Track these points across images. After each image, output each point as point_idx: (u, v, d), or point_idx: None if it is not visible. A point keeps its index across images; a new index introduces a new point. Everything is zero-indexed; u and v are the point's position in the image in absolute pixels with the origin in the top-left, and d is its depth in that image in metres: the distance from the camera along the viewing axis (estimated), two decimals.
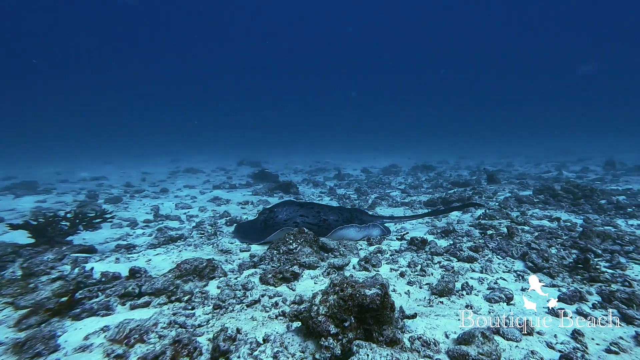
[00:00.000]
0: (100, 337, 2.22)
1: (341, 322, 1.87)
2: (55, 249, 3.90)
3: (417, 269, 3.45)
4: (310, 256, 3.59)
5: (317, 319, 1.89)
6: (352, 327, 1.87)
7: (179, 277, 2.93)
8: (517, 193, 7.80)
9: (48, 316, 2.40)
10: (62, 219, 4.74)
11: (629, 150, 20.64)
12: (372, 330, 1.91)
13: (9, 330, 2.34)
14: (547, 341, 2.16)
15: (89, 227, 4.79)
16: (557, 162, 15.77)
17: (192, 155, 30.62)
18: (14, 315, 2.52)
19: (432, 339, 2.08)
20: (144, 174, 16.40)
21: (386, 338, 1.89)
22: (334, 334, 1.84)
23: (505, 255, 3.79)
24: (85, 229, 4.75)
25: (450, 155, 21.95)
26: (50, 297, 2.66)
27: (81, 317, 2.48)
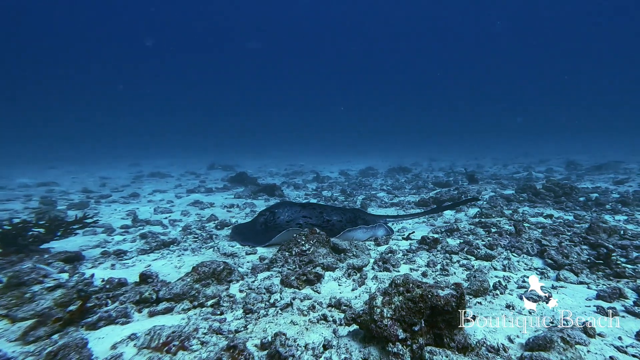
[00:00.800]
0: (129, 345, 2.01)
1: (410, 326, 1.72)
2: (35, 257, 3.48)
3: (437, 268, 3.39)
4: (327, 257, 3.46)
5: (382, 322, 1.73)
6: (422, 332, 1.72)
7: (197, 281, 2.73)
8: (500, 192, 8.08)
9: (59, 326, 2.14)
10: (34, 226, 4.24)
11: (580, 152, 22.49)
12: (443, 335, 1.76)
13: (11, 345, 2.04)
14: (614, 344, 2.02)
15: (68, 234, 4.33)
16: (522, 164, 16.64)
17: (153, 159, 28.87)
18: (13, 328, 2.21)
19: (499, 344, 1.92)
20: (102, 179, 15.13)
21: (458, 344, 1.75)
22: (402, 339, 1.68)
23: (520, 252, 3.76)
24: (63, 236, 4.28)
25: (421, 157, 22.81)
26: (52, 307, 2.37)
27: (98, 325, 2.24)
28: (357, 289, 2.94)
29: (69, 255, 3.53)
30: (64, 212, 7.57)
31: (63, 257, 3.45)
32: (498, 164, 17.56)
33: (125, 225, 6.23)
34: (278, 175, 15.80)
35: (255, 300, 2.62)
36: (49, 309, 2.35)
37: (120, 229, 6.04)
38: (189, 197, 9.52)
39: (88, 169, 19.91)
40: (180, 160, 27.74)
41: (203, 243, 4.70)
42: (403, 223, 5.63)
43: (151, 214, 7.31)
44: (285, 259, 3.54)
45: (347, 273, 3.28)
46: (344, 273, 3.28)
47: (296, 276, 2.97)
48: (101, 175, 16.77)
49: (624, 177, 9.97)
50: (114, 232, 5.85)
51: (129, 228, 6.10)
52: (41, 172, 17.98)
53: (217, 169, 19.87)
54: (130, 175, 17.19)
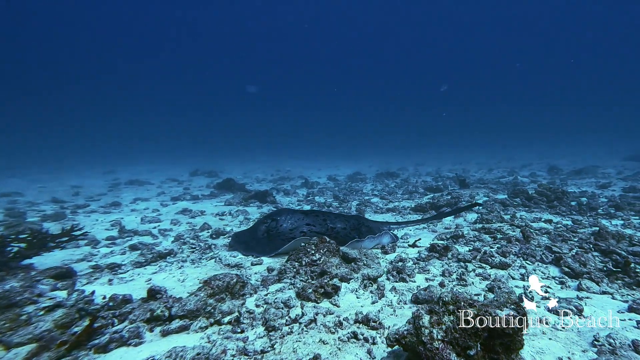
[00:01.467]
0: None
1: (464, 350, 1.57)
2: (21, 275, 3.17)
3: (453, 277, 3.28)
4: (340, 267, 3.32)
5: (432, 345, 1.58)
6: (478, 357, 1.57)
7: (211, 296, 2.56)
8: (493, 196, 8.15)
9: (65, 350, 1.93)
10: (13, 241, 3.89)
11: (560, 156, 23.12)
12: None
13: None
14: None
15: (53, 248, 4.00)
16: (506, 168, 16.96)
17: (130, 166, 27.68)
18: (9, 355, 1.97)
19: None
20: (74, 187, 14.22)
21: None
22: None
23: (534, 260, 3.67)
24: (48, 249, 3.95)
25: (407, 162, 23.22)
26: (52, 329, 2.15)
27: (109, 348, 2.04)
28: (378, 302, 2.81)
29: (59, 271, 3.24)
30: (38, 224, 7.04)
31: (53, 274, 3.17)
32: (483, 168, 17.89)
33: (111, 236, 5.89)
34: (265, 181, 15.56)
35: (275, 315, 2.45)
36: (49, 332, 2.12)
37: (106, 240, 5.70)
38: (176, 205, 9.15)
39: (56, 178, 18.65)
40: (160, 167, 26.75)
41: (202, 253, 4.48)
42: (404, 229, 5.57)
43: (138, 223, 6.95)
44: (297, 269, 3.41)
45: (363, 284, 3.14)
46: (360, 284, 3.14)
47: (313, 289, 2.82)
48: (72, 183, 15.76)
49: (606, 182, 10.31)
50: (98, 244, 5.51)
51: (115, 239, 5.77)
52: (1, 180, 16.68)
53: (200, 175, 19.33)
54: (105, 183, 16.36)
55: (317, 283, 2.87)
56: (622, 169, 14.29)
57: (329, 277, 2.97)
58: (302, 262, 3.49)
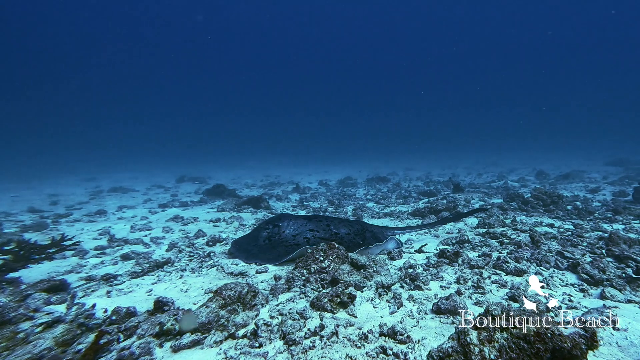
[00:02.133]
0: None
1: None
2: (9, 289, 2.94)
3: (469, 285, 3.17)
4: (353, 275, 3.19)
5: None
6: None
7: (223, 307, 2.42)
8: (488, 201, 8.17)
9: None
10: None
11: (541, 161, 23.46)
12: None
13: None
14: None
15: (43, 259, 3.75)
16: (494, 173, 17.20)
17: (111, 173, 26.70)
18: None
19: None
20: (51, 196, 13.50)
21: None
22: None
23: (549, 266, 3.56)
24: (37, 261, 3.70)
25: (395, 167, 23.39)
26: (53, 347, 1.98)
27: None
28: (397, 312, 2.67)
29: (52, 284, 3.01)
30: (18, 235, 6.63)
31: (46, 287, 2.94)
32: (472, 173, 18.13)
33: (99, 246, 5.61)
34: (255, 187, 15.33)
35: (293, 328, 2.30)
36: (50, 350, 1.95)
37: (95, 250, 5.43)
38: (166, 212, 8.86)
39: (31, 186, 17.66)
40: (144, 174, 25.96)
41: (201, 262, 4.31)
42: (406, 235, 5.48)
43: (128, 232, 6.66)
44: (306, 277, 3.30)
45: (377, 293, 3.01)
46: (375, 293, 3.01)
47: (329, 298, 2.67)
48: (49, 192, 14.96)
49: (595, 186, 10.52)
50: (87, 254, 5.23)
51: (105, 249, 5.50)
52: None
53: (187, 181, 18.89)
54: (86, 191, 15.68)
55: (333, 292, 2.76)
56: (606, 173, 14.72)
57: (343, 286, 2.83)
58: (310, 270, 3.38)
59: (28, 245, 3.75)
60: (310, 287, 3.15)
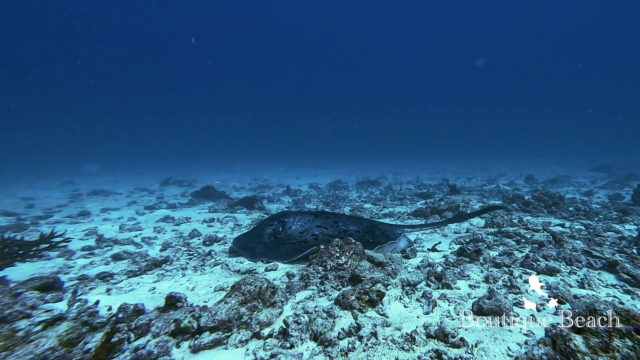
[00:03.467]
0: None
1: None
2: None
3: (500, 284, 2.99)
4: (375, 271, 3.00)
5: None
6: None
7: (243, 303, 2.24)
8: (487, 202, 8.17)
9: None
10: None
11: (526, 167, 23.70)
12: None
13: None
14: None
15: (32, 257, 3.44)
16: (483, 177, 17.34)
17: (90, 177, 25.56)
18: None
19: None
20: (26, 199, 12.72)
21: None
22: None
23: (581, 265, 3.40)
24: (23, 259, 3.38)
25: (384, 171, 23.49)
26: (57, 347, 1.76)
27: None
28: (432, 312, 2.48)
29: (45, 282, 2.73)
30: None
31: (37, 285, 2.66)
32: (461, 177, 18.28)
33: (87, 246, 5.25)
34: (244, 190, 15.01)
35: (324, 327, 2.09)
36: (53, 350, 1.73)
37: (82, 251, 5.08)
38: (154, 214, 8.49)
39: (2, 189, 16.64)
40: (125, 177, 25.01)
41: (203, 260, 4.08)
42: (412, 234, 5.33)
43: (116, 232, 6.29)
44: (323, 275, 3.15)
45: (404, 291, 2.82)
46: (402, 291, 2.82)
47: (357, 295, 2.47)
48: (23, 195, 14.10)
49: (587, 190, 10.71)
50: (74, 254, 4.89)
51: (93, 249, 5.16)
52: None
53: (172, 184, 18.30)
54: (64, 194, 14.90)
55: (360, 289, 2.59)
56: (593, 178, 15.07)
57: (370, 283, 2.65)
58: (327, 267, 3.22)
59: (13, 242, 3.42)
60: (329, 284, 2.97)
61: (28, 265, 4.48)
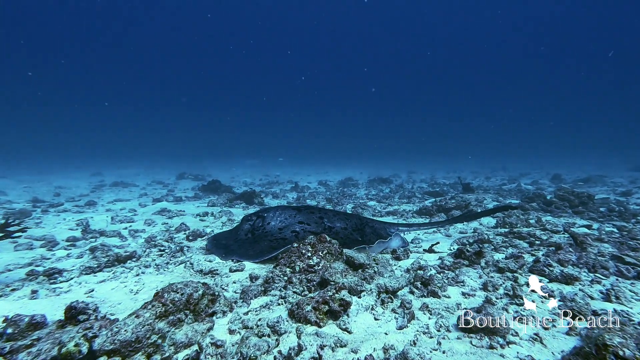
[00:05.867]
0: None
1: None
2: None
3: (501, 292, 2.52)
4: (348, 275, 2.56)
5: None
6: None
7: (162, 317, 1.80)
8: (503, 201, 7.51)
9: None
10: None
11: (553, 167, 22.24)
12: None
13: None
14: None
15: None
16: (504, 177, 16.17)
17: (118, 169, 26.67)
18: None
19: None
20: (57, 188, 13.40)
21: None
22: None
23: (607, 273, 2.85)
24: None
25: (399, 169, 22.64)
26: None
27: None
28: (407, 327, 2.02)
29: None
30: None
31: None
32: (479, 176, 17.29)
33: (72, 237, 5.07)
34: (253, 185, 14.76)
35: (258, 349, 1.67)
36: None
37: (66, 241, 4.91)
38: (155, 206, 8.34)
39: (45, 179, 17.76)
40: (148, 171, 25.81)
41: (171, 257, 3.70)
42: (412, 233, 4.85)
43: (107, 223, 6.12)
44: (288, 278, 2.67)
45: (380, 299, 2.37)
46: (377, 299, 2.37)
47: (314, 305, 2.04)
48: (57, 184, 14.90)
49: (625, 190, 9.65)
50: (56, 245, 4.74)
51: (77, 241, 4.98)
52: None
53: (187, 178, 18.47)
54: (90, 184, 15.48)
55: (319, 297, 2.12)
56: (632, 178, 13.55)
57: (334, 289, 2.19)
58: (295, 268, 2.76)
59: None
60: (292, 289, 2.52)
61: (7, 254, 4.36)
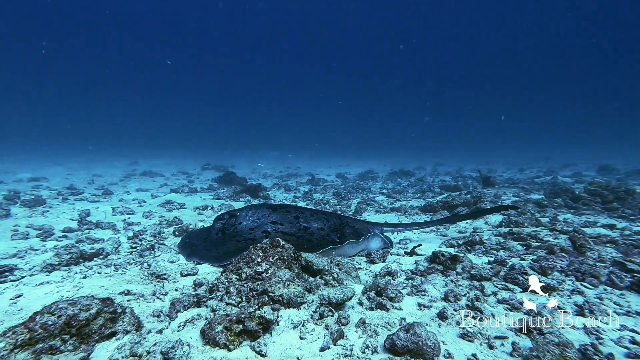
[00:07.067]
0: None
1: None
2: None
3: (462, 304, 2.22)
4: (291, 285, 2.28)
5: None
6: None
7: (24, 346, 1.49)
8: (524, 196, 6.83)
9: None
10: None
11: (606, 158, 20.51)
12: None
13: None
14: None
15: None
16: (542, 168, 15.01)
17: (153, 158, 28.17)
18: None
19: None
20: (94, 176, 14.28)
21: None
22: None
23: (597, 282, 2.46)
24: None
25: (426, 162, 21.54)
26: None
27: None
28: (331, 348, 1.76)
29: None
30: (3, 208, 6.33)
31: None
32: (512, 168, 16.00)
33: (68, 227, 5.16)
34: (272, 177, 14.71)
35: None
36: None
37: (61, 232, 4.99)
38: (165, 197, 8.46)
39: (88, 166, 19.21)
40: (178, 160, 26.99)
41: (139, 256, 3.56)
42: (406, 232, 4.46)
43: (107, 214, 6.22)
44: (229, 286, 2.38)
45: (317, 313, 2.09)
46: (314, 313, 2.10)
47: (226, 325, 1.77)
48: (96, 172, 15.97)
49: None
50: (51, 236, 4.80)
51: (72, 232, 5.04)
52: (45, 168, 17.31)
53: (212, 169, 18.93)
54: (123, 173, 16.39)
55: (234, 315, 1.82)
56: None
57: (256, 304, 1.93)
58: (242, 275, 2.48)
59: None
60: (228, 300, 2.22)
61: (4, 243, 4.52)
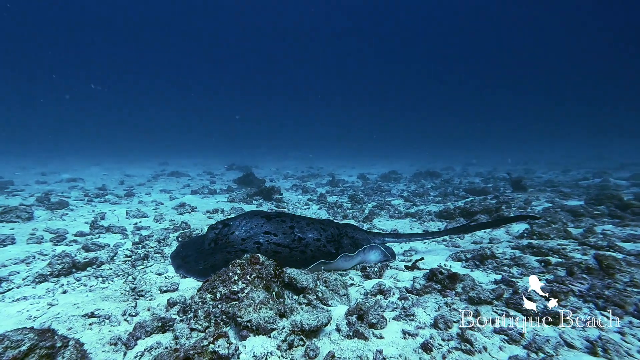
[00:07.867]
0: None
1: None
2: None
3: (452, 333, 1.92)
4: (262, 308, 2.04)
5: None
6: None
7: None
8: (560, 203, 6.19)
9: None
10: None
11: None
12: None
13: None
14: None
15: None
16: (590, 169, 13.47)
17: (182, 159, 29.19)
18: None
19: None
20: (126, 176, 14.94)
21: None
22: None
23: (622, 313, 2.07)
24: None
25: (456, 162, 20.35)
26: None
27: None
28: None
29: None
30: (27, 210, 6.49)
31: None
32: (555, 169, 14.60)
33: (80, 232, 5.22)
34: (292, 178, 14.53)
35: None
36: None
37: (74, 235, 5.06)
38: (181, 199, 8.53)
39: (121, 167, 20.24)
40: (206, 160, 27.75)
41: (130, 266, 3.43)
42: (413, 242, 4.10)
43: (118, 218, 6.29)
44: (198, 308, 2.13)
45: (286, 342, 1.86)
46: (282, 343, 1.86)
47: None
48: (128, 173, 16.72)
49: None
50: (63, 240, 4.87)
51: (83, 236, 5.10)
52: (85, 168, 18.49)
53: (236, 169, 19.19)
54: (152, 173, 17.01)
55: (183, 352, 1.62)
56: None
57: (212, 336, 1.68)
58: (216, 295, 2.24)
59: None
60: (194, 325, 2.00)
61: (18, 247, 4.64)
